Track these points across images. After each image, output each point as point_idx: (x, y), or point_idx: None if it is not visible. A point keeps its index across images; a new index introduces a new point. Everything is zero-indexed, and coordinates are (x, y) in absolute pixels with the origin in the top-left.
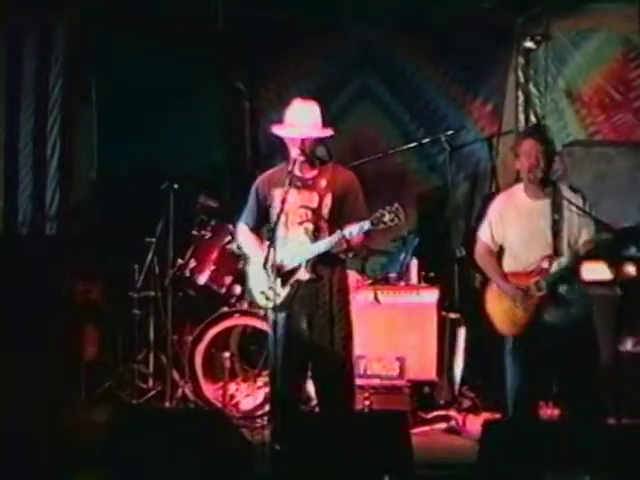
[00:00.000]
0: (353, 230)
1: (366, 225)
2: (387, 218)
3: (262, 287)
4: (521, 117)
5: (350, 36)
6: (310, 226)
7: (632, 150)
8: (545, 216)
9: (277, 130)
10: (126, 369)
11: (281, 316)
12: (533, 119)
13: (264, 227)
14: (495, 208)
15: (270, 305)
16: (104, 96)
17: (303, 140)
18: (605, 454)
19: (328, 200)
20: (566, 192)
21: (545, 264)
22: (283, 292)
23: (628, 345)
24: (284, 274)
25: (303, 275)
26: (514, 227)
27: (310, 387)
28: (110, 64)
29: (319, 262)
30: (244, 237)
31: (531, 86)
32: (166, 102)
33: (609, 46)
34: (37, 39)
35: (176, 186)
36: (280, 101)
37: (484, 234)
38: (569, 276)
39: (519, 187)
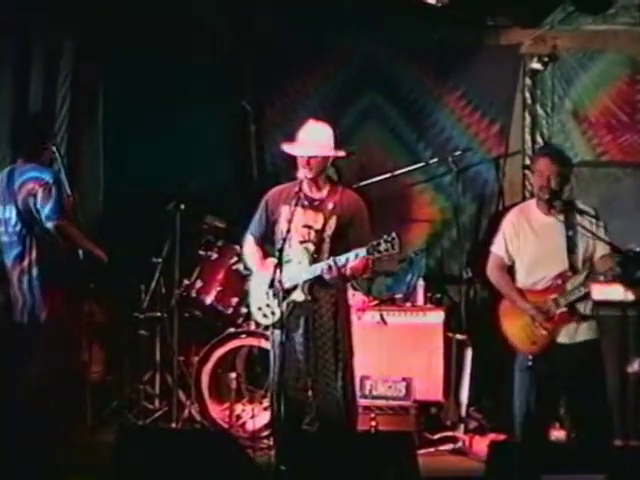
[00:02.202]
0: (342, 258)
1: (361, 252)
2: (382, 247)
3: (259, 304)
4: (528, 138)
5: (356, 55)
6: (311, 247)
7: (639, 171)
8: (559, 233)
9: (285, 147)
10: (132, 390)
11: (277, 334)
12: (540, 140)
13: (269, 242)
14: (509, 222)
15: (266, 322)
16: (110, 116)
17: (309, 159)
18: (612, 476)
19: (332, 223)
20: (578, 211)
21: (560, 281)
22: (278, 311)
23: (635, 366)
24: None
25: (299, 296)
26: (528, 242)
27: None
28: (115, 85)
29: (317, 284)
30: (249, 249)
31: (538, 107)
32: (172, 122)
33: (616, 67)
34: (44, 60)
35: (182, 206)
36: (286, 121)
37: (498, 248)
38: (585, 294)
39: (532, 202)
